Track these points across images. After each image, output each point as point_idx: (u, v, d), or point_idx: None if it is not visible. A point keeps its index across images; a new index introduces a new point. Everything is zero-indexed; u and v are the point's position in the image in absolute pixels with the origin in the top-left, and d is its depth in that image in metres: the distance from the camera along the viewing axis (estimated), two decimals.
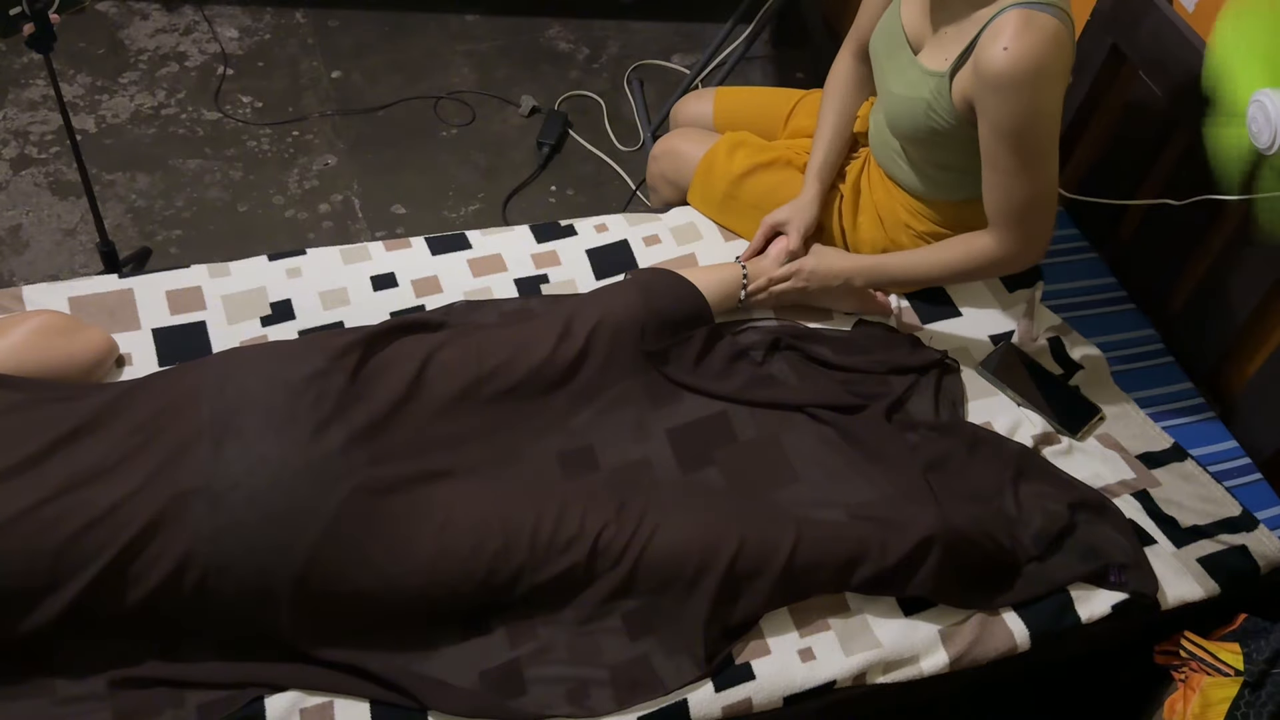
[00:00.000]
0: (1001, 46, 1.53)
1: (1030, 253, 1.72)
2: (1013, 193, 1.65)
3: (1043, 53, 1.53)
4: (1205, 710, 1.55)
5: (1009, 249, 1.71)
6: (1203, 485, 1.78)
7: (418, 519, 1.44)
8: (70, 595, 1.33)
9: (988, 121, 1.61)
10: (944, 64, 1.67)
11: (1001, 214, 1.68)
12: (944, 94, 1.67)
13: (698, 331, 1.78)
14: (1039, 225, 1.69)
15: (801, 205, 1.90)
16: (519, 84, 3.02)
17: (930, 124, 1.71)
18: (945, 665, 1.54)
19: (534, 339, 1.68)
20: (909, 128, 1.76)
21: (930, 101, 1.69)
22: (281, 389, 1.47)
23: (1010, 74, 1.53)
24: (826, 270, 1.83)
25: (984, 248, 1.73)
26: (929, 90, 1.69)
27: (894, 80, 1.76)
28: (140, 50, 2.97)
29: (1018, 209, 1.66)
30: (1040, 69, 1.53)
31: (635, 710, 1.44)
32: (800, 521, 1.54)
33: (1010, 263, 1.74)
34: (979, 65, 1.57)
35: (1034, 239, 1.70)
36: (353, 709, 1.41)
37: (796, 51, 3.18)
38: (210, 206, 2.63)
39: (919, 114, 1.72)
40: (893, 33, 1.76)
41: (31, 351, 1.55)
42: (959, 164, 1.77)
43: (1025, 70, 1.53)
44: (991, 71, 1.55)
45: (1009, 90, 1.55)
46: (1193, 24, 1.86)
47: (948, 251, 1.78)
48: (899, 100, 1.75)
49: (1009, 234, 1.70)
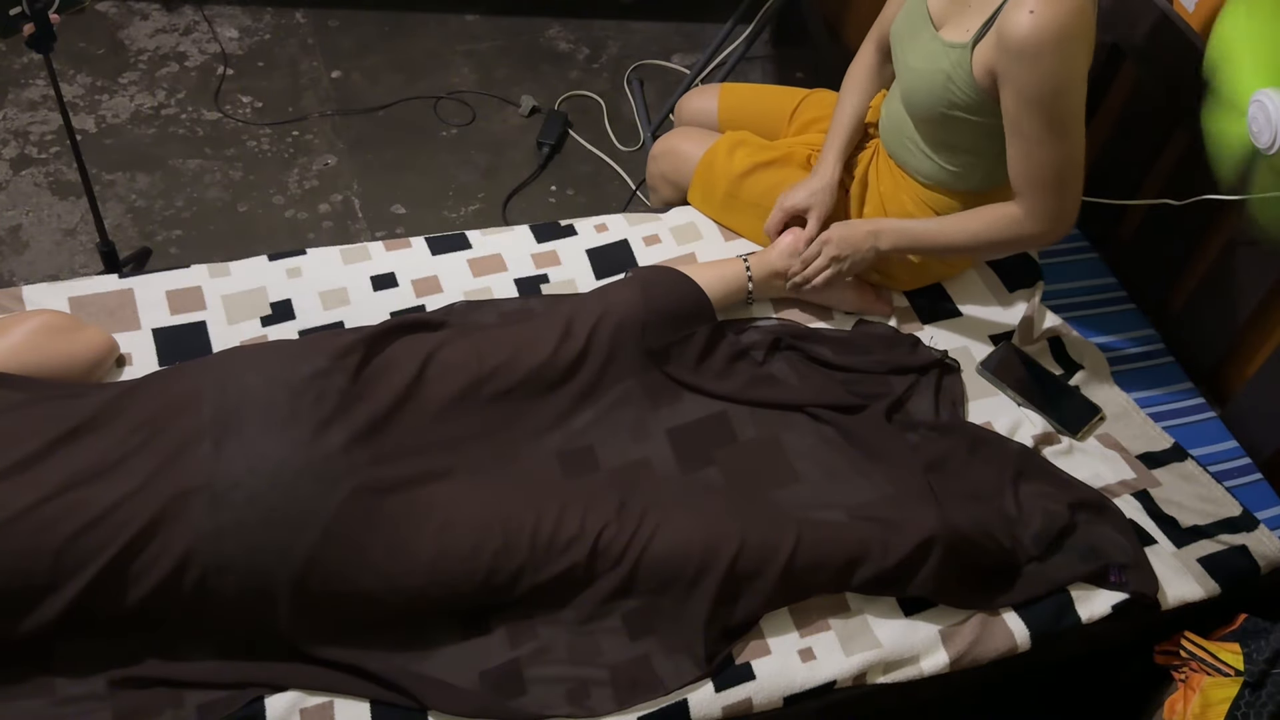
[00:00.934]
0: (1027, 10, 1.54)
1: (1060, 224, 1.70)
2: (1040, 161, 1.64)
3: (1067, 18, 1.53)
4: (1205, 710, 1.55)
5: (1038, 219, 1.69)
6: (1203, 485, 1.78)
7: (418, 519, 1.44)
8: (70, 594, 1.33)
9: (1012, 90, 1.60)
10: (965, 35, 1.67)
11: (1029, 183, 1.67)
12: (964, 65, 1.66)
13: (700, 330, 1.78)
14: (1067, 195, 1.67)
15: (820, 189, 1.88)
16: (519, 84, 3.02)
17: (948, 97, 1.70)
18: (945, 665, 1.54)
19: (534, 339, 1.68)
20: (925, 103, 1.75)
21: (950, 73, 1.68)
22: (282, 389, 1.46)
23: (1036, 39, 1.53)
24: (854, 233, 1.81)
25: (1012, 218, 1.71)
26: (949, 62, 1.68)
27: (913, 56, 1.75)
28: (140, 50, 2.97)
29: (1045, 177, 1.65)
30: (1065, 33, 1.54)
31: (635, 710, 1.44)
32: (801, 522, 1.54)
33: (1038, 236, 1.72)
34: (1003, 32, 1.57)
35: (1062, 210, 1.68)
36: (353, 709, 1.41)
37: (796, 51, 3.18)
38: (210, 206, 2.63)
39: (937, 87, 1.71)
40: (916, 14, 1.77)
41: (31, 351, 1.55)
42: (971, 146, 1.76)
43: (1050, 35, 1.53)
44: (1017, 37, 1.55)
45: (1034, 55, 1.55)
46: (1193, 24, 1.85)
47: (975, 220, 1.76)
48: (917, 74, 1.74)
49: (1037, 204, 1.68)
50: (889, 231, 1.81)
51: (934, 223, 1.80)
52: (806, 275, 1.84)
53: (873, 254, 1.81)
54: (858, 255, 1.81)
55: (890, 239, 1.81)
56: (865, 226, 1.82)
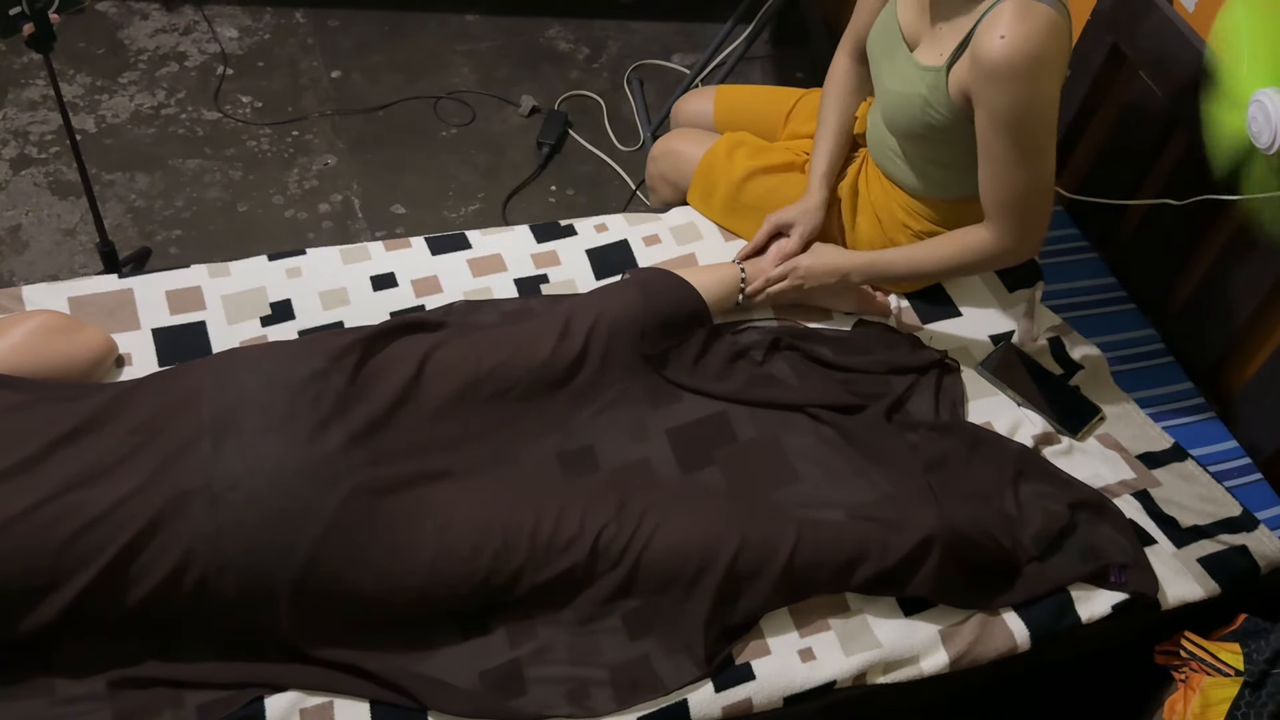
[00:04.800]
0: (999, 35, 1.54)
1: (1026, 245, 1.72)
2: (1009, 183, 1.65)
3: (1040, 41, 1.53)
4: (1205, 710, 1.54)
5: (1005, 241, 1.71)
6: (1203, 485, 1.78)
7: (417, 519, 1.44)
8: (70, 595, 1.33)
9: (985, 111, 1.61)
10: (940, 59, 1.67)
11: (998, 205, 1.68)
12: (940, 88, 1.67)
13: (695, 334, 1.78)
14: (1035, 216, 1.69)
15: (808, 210, 1.90)
16: (519, 84, 3.02)
17: (927, 119, 1.71)
18: (945, 665, 1.54)
19: (533, 338, 1.68)
20: (906, 124, 1.76)
21: (927, 97, 1.69)
22: (281, 389, 1.46)
23: (1008, 62, 1.54)
24: (823, 268, 1.83)
25: (980, 241, 1.73)
26: (925, 86, 1.69)
27: (891, 78, 1.76)
28: (140, 50, 2.97)
29: (1014, 200, 1.66)
30: (1037, 57, 1.54)
31: (635, 710, 1.44)
32: (800, 522, 1.54)
33: (1006, 255, 1.73)
34: (976, 55, 1.57)
35: (1030, 230, 1.70)
36: (353, 709, 1.41)
37: (796, 51, 3.18)
38: (210, 206, 2.63)
39: (915, 110, 1.72)
40: (889, 32, 1.77)
41: (31, 351, 1.55)
42: (956, 160, 1.77)
43: (1022, 58, 1.53)
44: (989, 60, 1.55)
45: (1006, 79, 1.55)
46: (1193, 24, 1.85)
47: (944, 246, 1.77)
48: (896, 97, 1.75)
49: (1005, 225, 1.69)
50: (859, 269, 1.82)
51: (904, 252, 1.82)
52: (757, 287, 1.85)
53: (838, 286, 1.85)
54: (819, 285, 1.84)
55: (861, 275, 1.83)
56: (836, 262, 1.83)
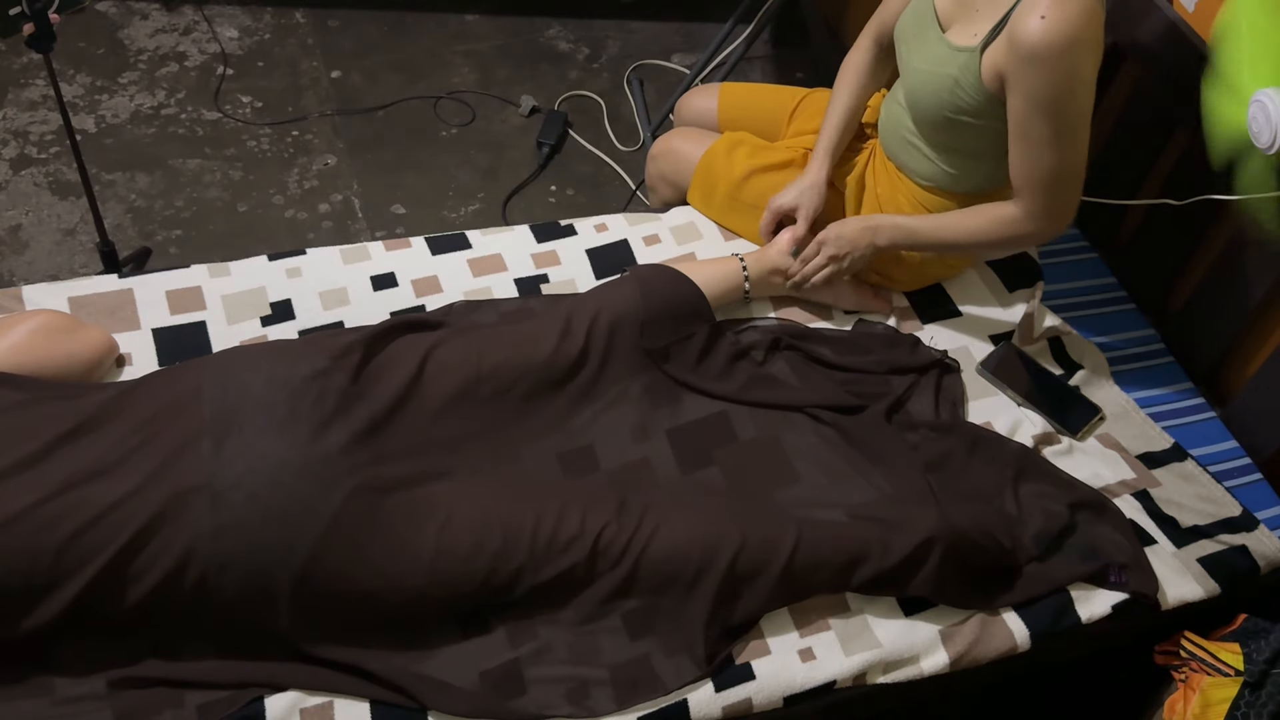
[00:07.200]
0: (1039, 15, 1.55)
1: (1054, 225, 1.72)
2: (1044, 163, 1.65)
3: (1079, 23, 1.54)
4: (1205, 710, 1.54)
5: (1036, 219, 1.71)
6: (1203, 485, 1.78)
7: (418, 519, 1.44)
8: (71, 593, 1.33)
9: (1021, 93, 1.61)
10: (974, 39, 1.67)
11: (1030, 184, 1.68)
12: (973, 69, 1.67)
13: (699, 330, 1.78)
14: (1067, 197, 1.69)
15: (807, 188, 1.88)
16: (519, 84, 3.02)
17: (955, 101, 1.71)
18: (945, 665, 1.54)
19: (533, 337, 1.68)
20: (931, 105, 1.75)
21: (957, 77, 1.69)
22: (282, 388, 1.46)
23: (1047, 43, 1.55)
24: (853, 232, 1.81)
25: (1010, 216, 1.73)
26: (957, 66, 1.69)
27: (920, 58, 1.76)
28: (140, 50, 2.97)
29: (1048, 180, 1.66)
30: (1077, 38, 1.55)
31: (635, 710, 1.44)
32: (801, 522, 1.54)
33: (1033, 235, 1.73)
34: (1015, 36, 1.58)
35: (1060, 211, 1.70)
36: (353, 709, 1.41)
37: (796, 51, 3.18)
38: (210, 206, 2.63)
39: (944, 90, 1.71)
40: (923, 13, 1.77)
41: (31, 351, 1.55)
42: (973, 149, 1.77)
43: (1062, 39, 1.54)
44: (1029, 41, 1.56)
45: (1046, 59, 1.56)
46: (1193, 24, 1.85)
47: (972, 217, 1.77)
48: (924, 76, 1.75)
49: (1038, 204, 1.69)
50: (886, 228, 1.81)
51: (932, 219, 1.80)
52: (805, 274, 1.84)
53: (871, 250, 1.81)
54: (856, 253, 1.81)
55: (888, 235, 1.81)
56: (862, 223, 1.82)
